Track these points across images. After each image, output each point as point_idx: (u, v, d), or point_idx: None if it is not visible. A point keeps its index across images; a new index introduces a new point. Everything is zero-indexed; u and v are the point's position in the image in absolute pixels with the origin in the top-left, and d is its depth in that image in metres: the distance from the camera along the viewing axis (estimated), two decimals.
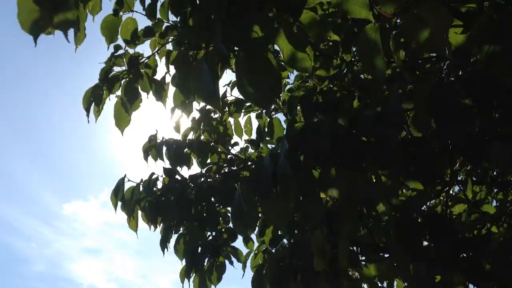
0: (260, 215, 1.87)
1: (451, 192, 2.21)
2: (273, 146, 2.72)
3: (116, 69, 2.05)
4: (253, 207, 1.31)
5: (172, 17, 2.10)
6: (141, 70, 2.06)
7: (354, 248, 2.02)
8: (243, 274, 2.56)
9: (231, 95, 2.60)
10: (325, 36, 1.49)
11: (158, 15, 2.06)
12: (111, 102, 2.06)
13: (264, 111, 2.54)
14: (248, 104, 2.62)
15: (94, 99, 1.97)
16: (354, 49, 2.11)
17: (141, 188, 2.01)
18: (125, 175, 2.05)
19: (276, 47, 1.40)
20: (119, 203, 1.97)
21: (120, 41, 2.07)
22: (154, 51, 2.13)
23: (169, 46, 2.11)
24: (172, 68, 2.04)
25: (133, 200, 1.95)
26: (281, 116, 2.69)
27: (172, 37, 2.11)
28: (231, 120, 2.56)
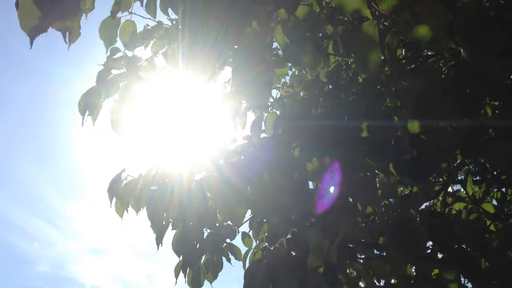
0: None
1: (450, 190, 2.20)
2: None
3: (114, 72, 2.01)
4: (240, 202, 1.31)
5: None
6: (140, 73, 2.01)
7: (351, 245, 2.01)
8: None
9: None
10: (322, 29, 1.49)
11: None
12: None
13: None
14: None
15: (90, 102, 1.92)
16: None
17: (139, 182, 2.00)
18: (124, 168, 2.05)
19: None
20: (114, 197, 1.97)
21: (118, 44, 2.05)
22: (153, 54, 2.11)
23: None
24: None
25: (129, 191, 1.95)
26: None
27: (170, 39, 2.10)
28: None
